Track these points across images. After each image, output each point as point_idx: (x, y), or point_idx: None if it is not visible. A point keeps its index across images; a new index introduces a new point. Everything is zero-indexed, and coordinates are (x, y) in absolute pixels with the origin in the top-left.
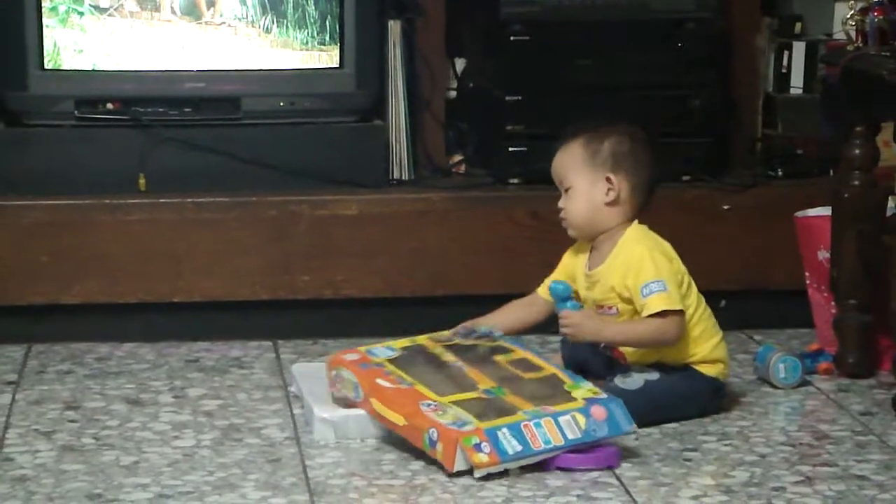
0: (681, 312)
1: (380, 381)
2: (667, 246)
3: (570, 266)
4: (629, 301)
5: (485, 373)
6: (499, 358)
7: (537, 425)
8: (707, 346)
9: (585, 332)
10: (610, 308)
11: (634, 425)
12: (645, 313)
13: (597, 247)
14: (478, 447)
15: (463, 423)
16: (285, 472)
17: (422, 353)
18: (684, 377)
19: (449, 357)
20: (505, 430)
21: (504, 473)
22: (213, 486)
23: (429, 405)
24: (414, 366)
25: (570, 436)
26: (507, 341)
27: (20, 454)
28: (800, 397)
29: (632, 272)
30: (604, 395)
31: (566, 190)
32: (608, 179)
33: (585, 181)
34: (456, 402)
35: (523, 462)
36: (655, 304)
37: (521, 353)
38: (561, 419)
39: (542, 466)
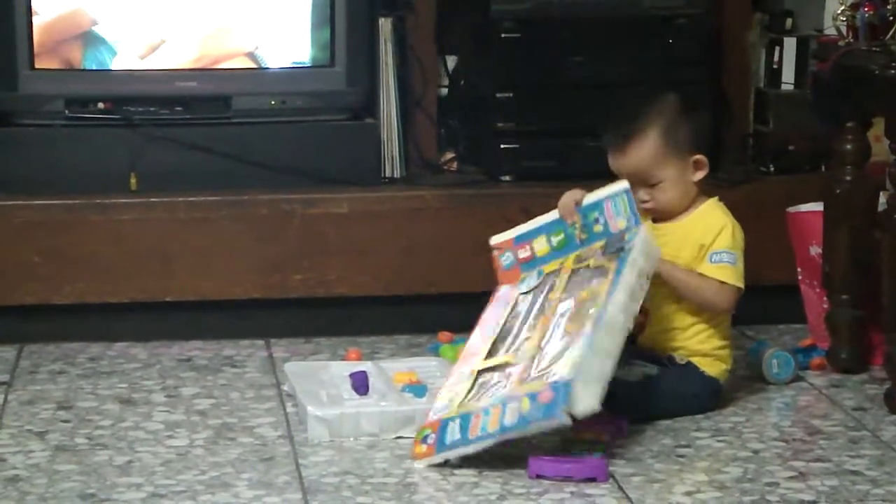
0: (738, 290)
1: (475, 332)
2: (740, 229)
3: None
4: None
5: (554, 321)
6: (584, 293)
7: (486, 412)
8: (718, 345)
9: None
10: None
11: (566, 407)
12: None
13: None
14: (424, 439)
15: (445, 408)
16: (279, 471)
17: (548, 284)
18: (684, 375)
19: (556, 293)
20: (458, 420)
21: (502, 468)
22: (207, 486)
23: (459, 373)
24: (520, 310)
25: (507, 422)
26: (620, 260)
27: (13, 455)
28: (792, 393)
29: (710, 234)
30: (566, 377)
31: (654, 184)
32: (696, 162)
33: (675, 170)
34: (484, 370)
35: (461, 452)
36: (721, 272)
37: (602, 287)
38: (509, 405)
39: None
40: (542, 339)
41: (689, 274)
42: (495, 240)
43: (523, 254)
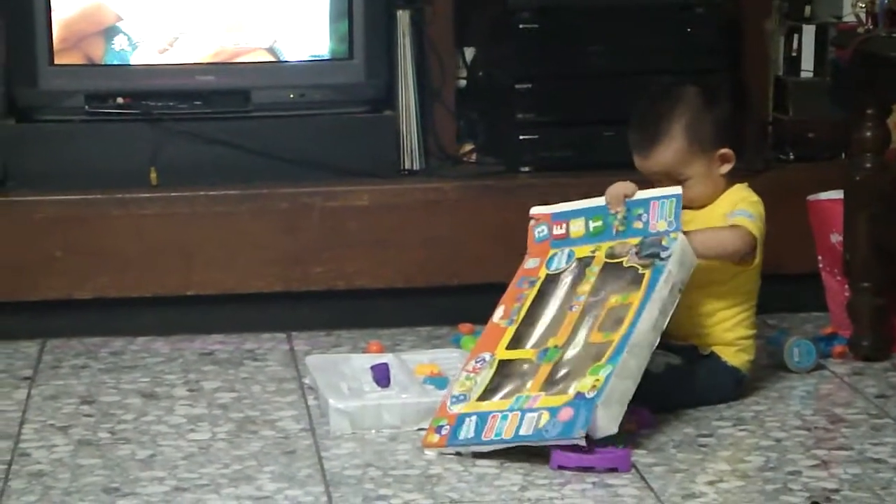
0: (755, 243)
1: (497, 310)
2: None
3: None
4: None
5: (580, 320)
6: (614, 300)
7: (504, 417)
8: (741, 335)
9: None
10: None
11: (583, 432)
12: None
13: None
14: (439, 429)
15: (462, 399)
16: (301, 464)
17: (578, 273)
18: (707, 366)
19: (585, 286)
20: (474, 417)
21: (522, 458)
22: (230, 479)
23: (479, 360)
24: (548, 294)
25: (522, 432)
26: (655, 270)
27: (36, 449)
28: (814, 381)
29: (732, 206)
30: (588, 396)
31: (681, 181)
32: (723, 156)
33: (702, 166)
34: (505, 361)
35: (471, 449)
36: (738, 220)
37: (634, 297)
38: (527, 415)
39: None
40: (566, 343)
41: (705, 229)
42: (535, 210)
43: (558, 230)
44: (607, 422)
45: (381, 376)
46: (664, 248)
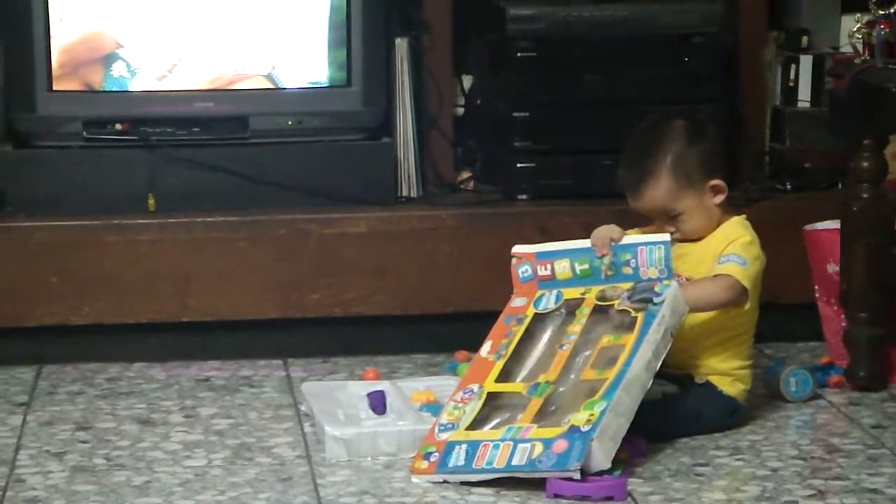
0: (745, 291)
1: (485, 345)
2: (760, 250)
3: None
4: None
5: (571, 358)
6: (606, 340)
7: (495, 446)
8: (737, 365)
9: None
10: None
11: (578, 464)
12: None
13: None
14: (427, 456)
15: (451, 427)
16: (297, 491)
17: (568, 313)
18: (703, 394)
19: (576, 326)
20: (465, 445)
21: (516, 486)
22: None
23: (467, 391)
24: (537, 332)
25: (514, 462)
26: (649, 314)
27: (32, 475)
28: (811, 411)
29: (725, 244)
30: (583, 430)
31: (675, 216)
32: (714, 187)
33: (693, 200)
34: (494, 393)
35: (461, 477)
36: (728, 268)
37: (627, 339)
38: (520, 446)
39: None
40: (558, 379)
41: (694, 283)
42: (518, 249)
43: (543, 272)
44: (601, 457)
45: (378, 403)
46: (657, 294)
